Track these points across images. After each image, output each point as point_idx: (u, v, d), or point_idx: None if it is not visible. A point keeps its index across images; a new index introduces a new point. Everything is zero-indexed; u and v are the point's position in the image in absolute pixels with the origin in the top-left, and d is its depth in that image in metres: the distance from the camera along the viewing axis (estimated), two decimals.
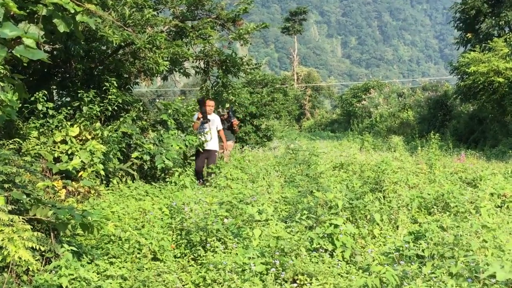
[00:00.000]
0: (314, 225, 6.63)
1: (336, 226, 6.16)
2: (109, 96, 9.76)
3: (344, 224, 6.30)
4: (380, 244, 6.67)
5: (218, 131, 12.04)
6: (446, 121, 28.62)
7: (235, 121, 14.12)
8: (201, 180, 11.04)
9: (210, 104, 11.89)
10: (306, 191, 8.54)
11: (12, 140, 7.76)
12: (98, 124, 9.39)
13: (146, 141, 10.41)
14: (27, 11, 4.10)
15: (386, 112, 35.97)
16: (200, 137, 11.41)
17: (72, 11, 4.18)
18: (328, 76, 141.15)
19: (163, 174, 10.70)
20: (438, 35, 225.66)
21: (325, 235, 6.10)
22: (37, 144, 8.47)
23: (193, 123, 11.92)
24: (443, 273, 4.96)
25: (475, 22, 26.72)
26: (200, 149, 11.51)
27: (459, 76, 24.32)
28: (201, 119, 11.71)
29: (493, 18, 25.80)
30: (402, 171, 10.91)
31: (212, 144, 11.69)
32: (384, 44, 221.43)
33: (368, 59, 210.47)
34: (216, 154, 11.90)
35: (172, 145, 10.43)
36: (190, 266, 5.83)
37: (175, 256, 6.13)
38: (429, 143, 16.01)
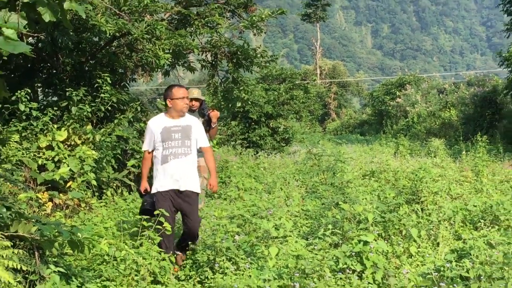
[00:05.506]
0: (340, 242, 6.62)
1: (365, 243, 6.14)
2: (102, 95, 9.83)
3: (375, 240, 6.27)
4: (418, 264, 6.64)
5: (201, 150, 7.01)
6: (495, 121, 28.40)
7: (214, 112, 9.10)
8: (175, 251, 6.60)
9: (182, 93, 6.73)
10: (330, 203, 8.53)
11: None
12: (89, 127, 9.46)
13: None
14: None
15: (424, 112, 35.82)
16: (162, 164, 6.61)
17: None
18: (356, 70, 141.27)
19: None
20: (485, 21, 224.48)
21: (353, 253, 6.08)
22: (19, 150, 8.54)
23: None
24: None
25: None
26: (164, 189, 6.55)
27: (510, 69, 24.13)
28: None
29: None
30: (444, 180, 10.85)
31: (189, 177, 6.59)
32: (421, 32, 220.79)
33: (403, 50, 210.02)
34: (198, 199, 6.88)
35: None
36: None
37: (178, 279, 6.15)
38: (475, 146, 15.91)
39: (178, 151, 6.52)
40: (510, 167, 14.33)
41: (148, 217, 6.36)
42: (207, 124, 9.10)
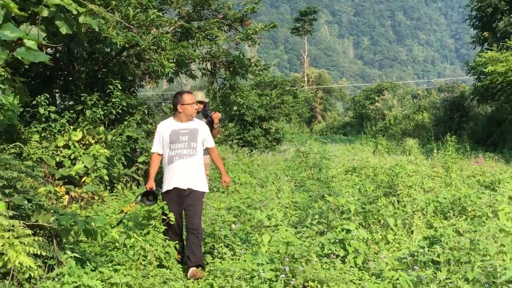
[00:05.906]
0: (325, 230, 6.64)
1: (348, 231, 6.16)
2: (113, 99, 9.81)
3: (357, 229, 6.29)
4: (394, 250, 6.66)
5: (207, 151, 6.63)
6: (463, 123, 28.49)
7: (216, 114, 8.56)
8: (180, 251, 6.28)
9: (191, 99, 6.37)
10: (317, 195, 8.55)
11: (13, 144, 7.82)
12: (101, 128, 9.44)
13: None
14: (29, 12, 4.13)
15: (400, 114, 35.88)
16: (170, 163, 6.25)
17: (75, 12, 4.21)
18: (339, 77, 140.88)
19: None
20: (454, 34, 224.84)
21: (337, 240, 6.09)
22: (38, 149, 8.53)
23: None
24: (459, 278, 4.95)
25: (492, 20, 26.55)
26: (169, 187, 6.23)
27: (476, 77, 24.20)
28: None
29: (511, 16, 25.66)
30: (417, 175, 10.88)
31: (193, 177, 6.21)
32: (397, 44, 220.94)
33: (381, 59, 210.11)
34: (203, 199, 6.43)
35: None
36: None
37: (181, 263, 6.14)
38: (445, 145, 15.96)
39: (183, 152, 6.18)
40: (475, 163, 14.37)
41: (150, 200, 6.33)
42: (210, 125, 8.35)
